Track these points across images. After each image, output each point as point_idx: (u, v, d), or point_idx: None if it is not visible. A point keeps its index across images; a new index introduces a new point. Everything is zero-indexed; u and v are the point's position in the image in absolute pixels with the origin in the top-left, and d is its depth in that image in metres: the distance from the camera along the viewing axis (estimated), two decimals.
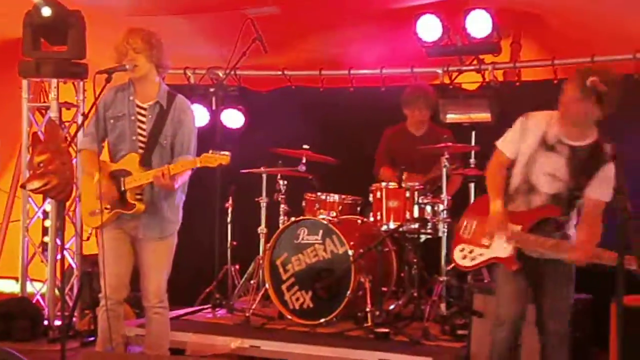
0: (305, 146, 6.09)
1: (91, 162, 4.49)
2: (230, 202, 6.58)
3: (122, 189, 4.43)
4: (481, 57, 6.50)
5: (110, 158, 4.57)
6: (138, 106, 4.51)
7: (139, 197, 4.47)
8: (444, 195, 5.65)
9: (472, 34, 6.22)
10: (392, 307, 5.71)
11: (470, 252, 4.16)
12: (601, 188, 3.86)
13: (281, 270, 5.78)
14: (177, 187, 4.42)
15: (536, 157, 3.96)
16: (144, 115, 4.50)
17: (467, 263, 4.18)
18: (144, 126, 4.49)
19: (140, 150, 4.46)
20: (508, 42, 6.65)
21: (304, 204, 6.17)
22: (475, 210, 4.34)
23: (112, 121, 4.51)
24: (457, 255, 4.22)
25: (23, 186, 4.27)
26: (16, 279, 7.04)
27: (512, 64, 6.51)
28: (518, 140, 4.01)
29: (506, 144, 4.07)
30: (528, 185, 3.99)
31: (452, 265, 4.62)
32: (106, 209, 4.44)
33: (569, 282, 4.08)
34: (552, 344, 4.08)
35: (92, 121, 4.57)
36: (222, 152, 4.29)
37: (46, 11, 6.04)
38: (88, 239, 4.72)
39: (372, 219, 5.90)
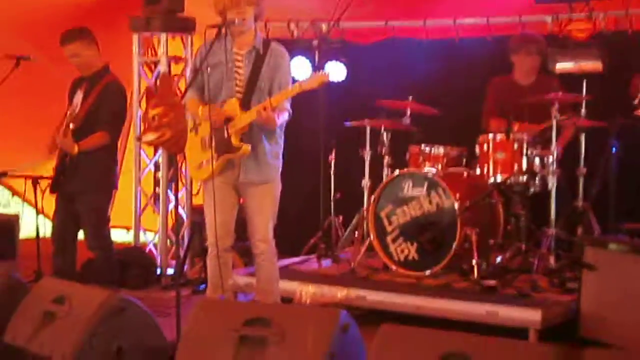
0: (409, 98, 6.04)
1: (195, 109, 4.60)
2: (333, 154, 6.62)
3: (227, 134, 4.52)
4: (591, 4, 6.27)
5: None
6: (235, 53, 4.60)
7: (243, 140, 4.56)
8: (553, 147, 5.52)
9: None
10: (498, 259, 5.64)
11: None
12: None
13: (385, 222, 5.78)
14: (278, 123, 4.46)
15: None
16: (240, 62, 4.59)
17: None
18: (241, 71, 4.59)
19: (239, 95, 4.55)
20: None
21: (408, 156, 6.13)
22: None
23: (209, 69, 4.58)
24: None
25: (139, 139, 4.39)
26: (127, 228, 7.31)
27: (625, 12, 6.25)
28: None
29: None
30: None
31: None
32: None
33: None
34: None
35: (192, 74, 4.69)
36: (321, 71, 4.32)
37: None
38: (197, 193, 4.86)
39: (478, 171, 5.82)
